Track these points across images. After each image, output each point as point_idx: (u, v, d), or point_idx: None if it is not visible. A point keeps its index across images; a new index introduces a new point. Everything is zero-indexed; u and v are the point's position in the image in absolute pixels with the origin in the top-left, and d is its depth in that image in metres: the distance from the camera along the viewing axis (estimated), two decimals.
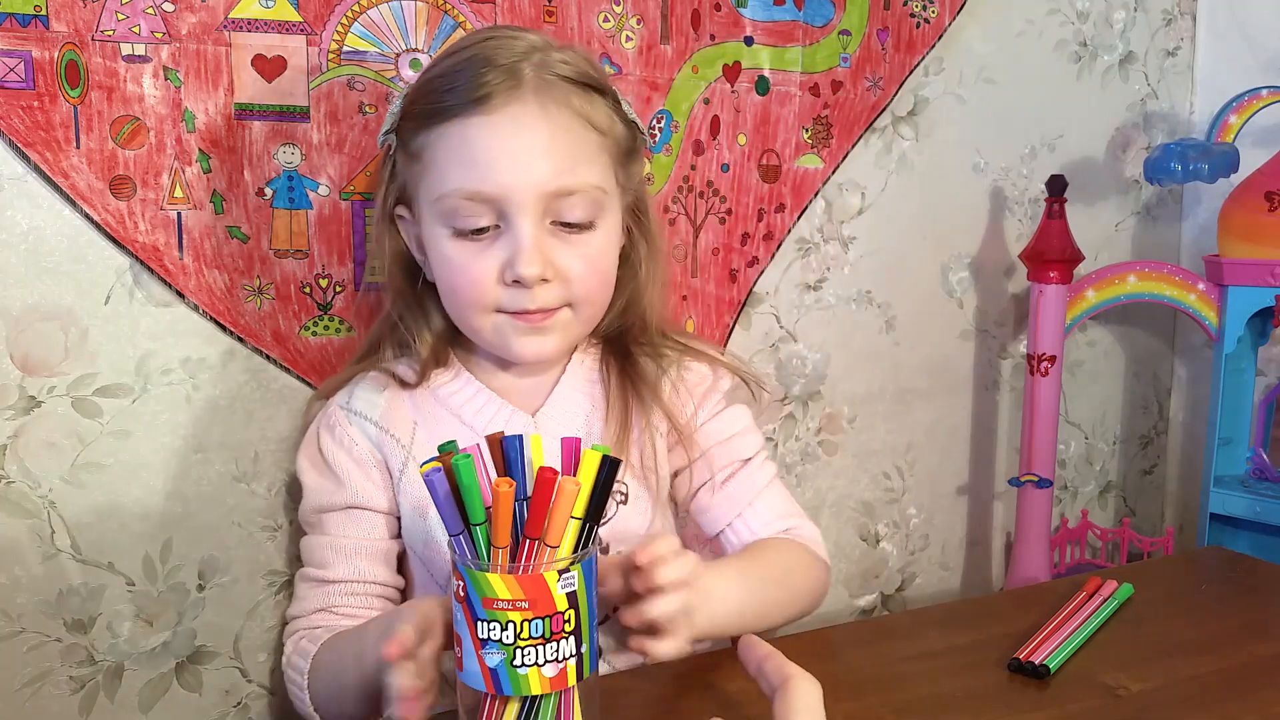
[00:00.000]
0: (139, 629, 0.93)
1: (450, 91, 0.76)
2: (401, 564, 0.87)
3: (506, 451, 0.60)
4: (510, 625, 0.56)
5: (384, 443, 0.84)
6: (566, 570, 0.57)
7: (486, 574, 0.56)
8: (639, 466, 0.85)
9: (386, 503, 0.85)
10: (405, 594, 0.88)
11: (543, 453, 0.61)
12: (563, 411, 0.86)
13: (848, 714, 0.70)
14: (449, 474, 0.57)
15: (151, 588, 0.93)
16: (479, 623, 0.57)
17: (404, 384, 0.85)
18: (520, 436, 0.60)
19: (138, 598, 0.93)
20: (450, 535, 0.59)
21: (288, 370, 0.96)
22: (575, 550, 0.59)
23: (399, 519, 0.86)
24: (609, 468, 0.59)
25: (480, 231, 0.77)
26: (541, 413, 0.85)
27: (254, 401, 0.95)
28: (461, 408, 0.85)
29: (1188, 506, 1.48)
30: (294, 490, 0.97)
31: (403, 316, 0.86)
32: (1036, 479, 1.23)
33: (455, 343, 0.87)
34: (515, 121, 0.76)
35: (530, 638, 0.56)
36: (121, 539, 0.92)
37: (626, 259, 0.86)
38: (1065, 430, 1.39)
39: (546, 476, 0.57)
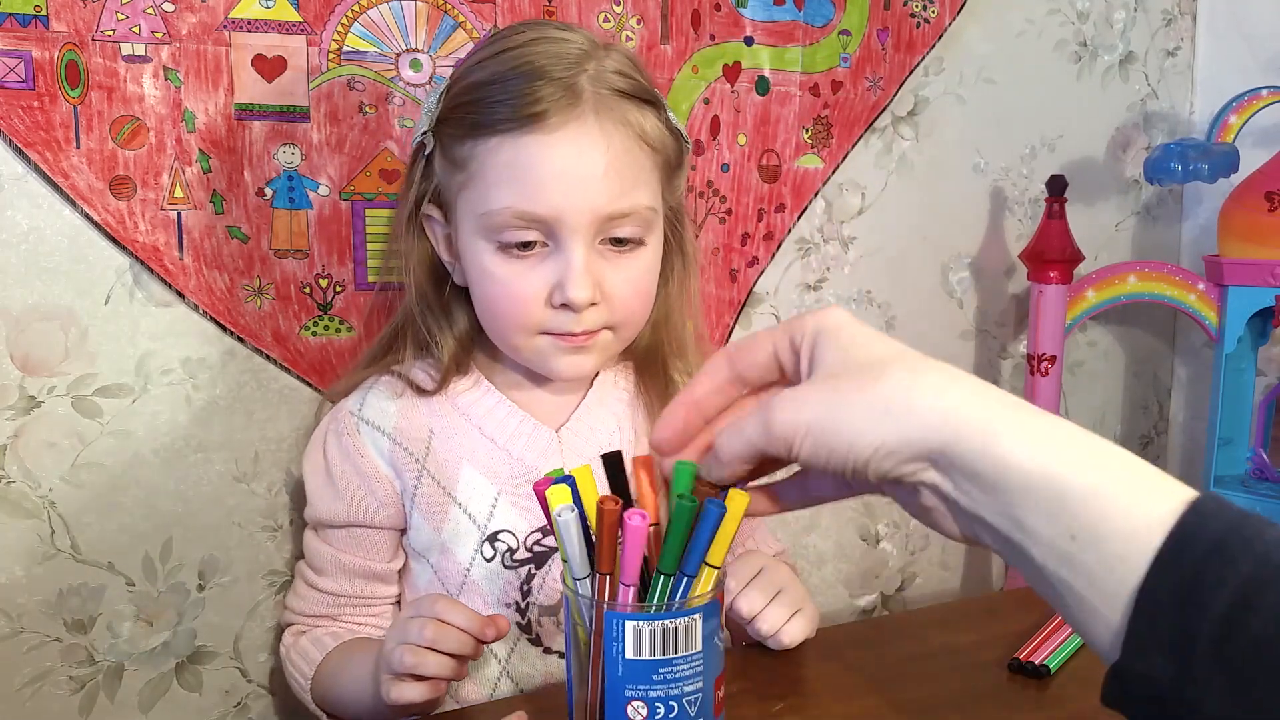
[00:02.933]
0: (139, 629, 0.93)
1: (501, 103, 0.73)
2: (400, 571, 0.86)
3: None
4: None
5: (396, 456, 0.82)
6: None
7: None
8: None
9: (388, 518, 0.83)
10: (400, 598, 0.87)
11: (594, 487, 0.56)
12: (588, 429, 0.84)
13: (848, 714, 0.70)
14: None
15: (151, 588, 0.93)
16: None
17: (421, 391, 0.82)
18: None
19: (138, 598, 0.93)
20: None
21: (288, 370, 0.96)
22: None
23: (404, 530, 0.84)
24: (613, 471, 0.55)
25: (526, 246, 0.75)
26: (566, 429, 0.83)
27: (254, 401, 0.95)
28: (483, 419, 0.82)
29: None
30: (294, 491, 0.97)
31: (425, 320, 0.83)
32: None
33: (477, 349, 0.85)
34: (575, 144, 0.72)
35: None
36: (121, 539, 0.92)
37: (660, 269, 0.83)
38: None
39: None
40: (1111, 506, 0.39)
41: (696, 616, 0.53)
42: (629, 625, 0.52)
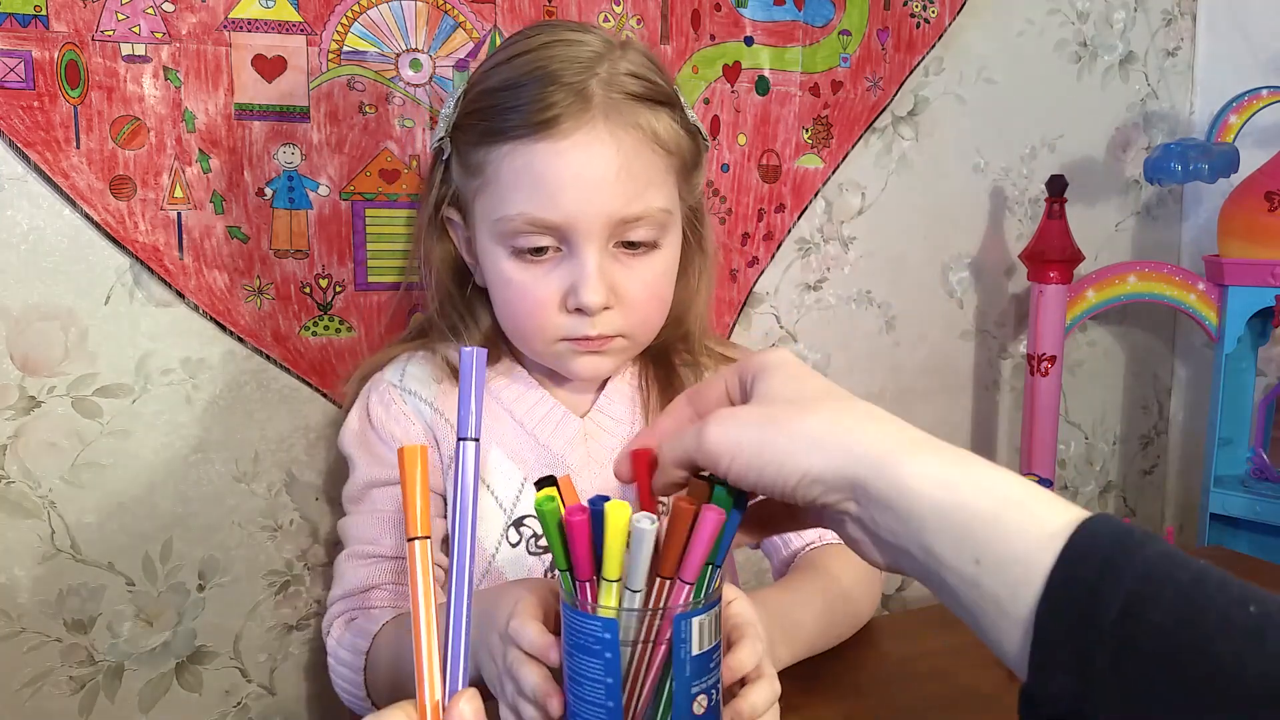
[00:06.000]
0: (139, 629, 0.93)
1: (514, 110, 0.73)
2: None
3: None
4: None
5: (437, 425, 0.82)
6: None
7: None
8: None
9: (436, 482, 0.82)
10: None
11: (575, 493, 0.55)
12: (609, 418, 0.84)
13: (848, 714, 0.70)
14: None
15: (151, 588, 0.93)
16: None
17: (457, 371, 0.82)
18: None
19: (138, 598, 0.93)
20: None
21: (288, 370, 0.96)
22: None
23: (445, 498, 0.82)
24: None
25: (539, 251, 0.75)
26: (590, 416, 0.84)
27: (254, 401, 0.95)
28: (514, 403, 0.83)
29: (1188, 506, 1.48)
30: (295, 490, 0.97)
31: (450, 319, 0.84)
32: (1036, 479, 1.23)
33: (503, 342, 0.85)
34: (585, 150, 0.72)
35: None
36: (121, 539, 0.92)
37: (679, 266, 0.83)
38: (1065, 430, 1.39)
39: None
40: (1009, 531, 0.41)
41: (721, 598, 0.54)
42: (694, 622, 0.52)
